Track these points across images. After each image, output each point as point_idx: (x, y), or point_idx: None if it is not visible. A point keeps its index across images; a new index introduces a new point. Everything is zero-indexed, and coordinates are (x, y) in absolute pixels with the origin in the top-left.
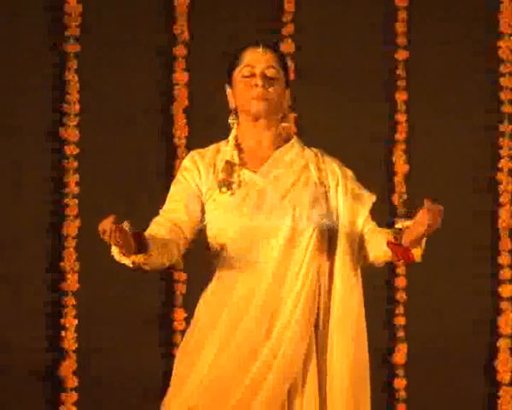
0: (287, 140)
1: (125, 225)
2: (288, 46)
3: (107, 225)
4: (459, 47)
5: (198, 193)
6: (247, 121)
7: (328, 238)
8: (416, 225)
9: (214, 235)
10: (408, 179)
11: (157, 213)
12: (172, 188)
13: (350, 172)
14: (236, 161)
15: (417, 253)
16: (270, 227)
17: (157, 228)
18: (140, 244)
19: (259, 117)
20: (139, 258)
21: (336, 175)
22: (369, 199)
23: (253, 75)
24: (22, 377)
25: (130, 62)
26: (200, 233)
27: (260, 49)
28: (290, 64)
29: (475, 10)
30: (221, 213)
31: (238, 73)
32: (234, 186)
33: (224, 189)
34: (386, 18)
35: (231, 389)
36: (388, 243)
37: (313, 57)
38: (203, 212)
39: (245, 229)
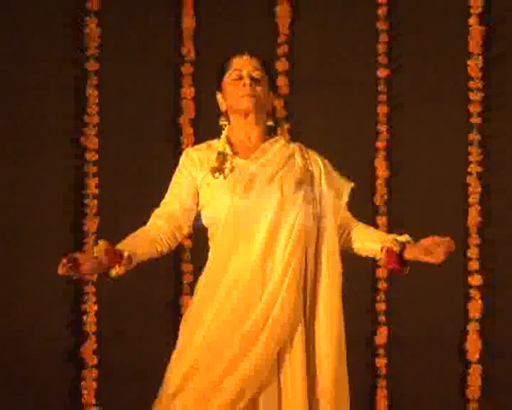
0: (273, 136)
1: (100, 246)
2: (282, 64)
3: (62, 270)
4: (433, 66)
5: (193, 183)
6: (238, 119)
7: (314, 219)
8: (426, 252)
9: (210, 215)
10: (388, 183)
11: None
12: (171, 182)
13: (328, 162)
14: (228, 151)
15: (407, 268)
16: (260, 203)
17: (154, 220)
18: (121, 256)
19: (249, 112)
20: (117, 273)
21: (319, 164)
22: (348, 186)
23: (241, 78)
24: (49, 357)
25: (143, 79)
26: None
27: (246, 56)
28: (284, 80)
29: (447, 34)
30: (215, 194)
31: (228, 78)
32: (226, 171)
33: (217, 174)
34: (368, 40)
35: (225, 348)
36: (388, 250)
37: (305, 74)
38: (198, 198)
39: (238, 206)
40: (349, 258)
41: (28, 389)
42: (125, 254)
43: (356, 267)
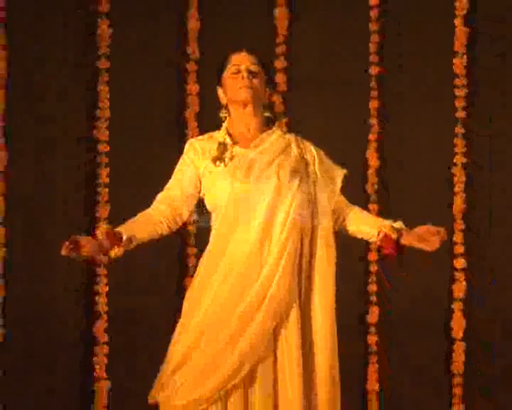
0: (271, 127)
1: (102, 229)
2: (281, 62)
3: (64, 252)
4: (421, 63)
5: (196, 171)
6: (237, 110)
7: (309, 207)
8: (420, 239)
9: (212, 201)
10: (379, 173)
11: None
12: (175, 170)
13: (322, 151)
14: (228, 141)
15: (402, 255)
16: (259, 188)
17: (156, 205)
18: (121, 239)
19: (247, 103)
20: (115, 254)
21: (313, 153)
22: (341, 172)
23: (239, 71)
24: (64, 334)
25: (151, 76)
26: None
27: (244, 52)
28: (282, 77)
29: (435, 35)
30: (217, 182)
31: (227, 72)
32: (226, 160)
33: (218, 162)
34: (362, 40)
35: (222, 328)
36: (386, 236)
37: (303, 72)
38: (199, 186)
39: (238, 191)
40: (343, 243)
41: (45, 365)
42: (124, 236)
43: (350, 251)
